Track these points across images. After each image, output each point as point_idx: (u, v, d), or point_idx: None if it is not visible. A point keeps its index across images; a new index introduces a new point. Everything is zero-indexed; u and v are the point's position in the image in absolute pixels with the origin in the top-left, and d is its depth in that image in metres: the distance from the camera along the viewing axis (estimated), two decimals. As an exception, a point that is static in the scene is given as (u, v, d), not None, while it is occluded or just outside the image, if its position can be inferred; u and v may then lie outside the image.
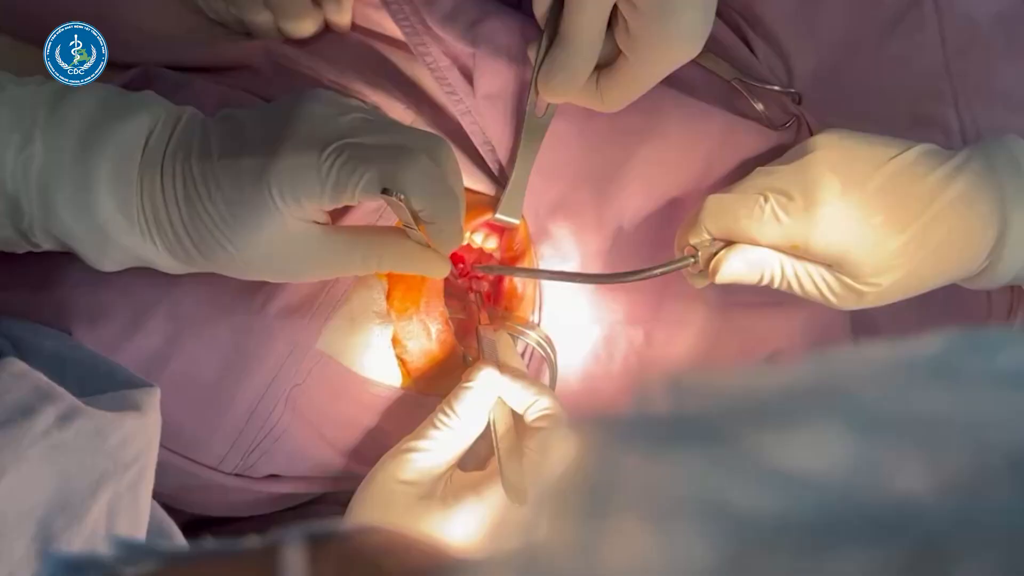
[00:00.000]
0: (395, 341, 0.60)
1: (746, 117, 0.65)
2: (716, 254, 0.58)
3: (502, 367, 0.58)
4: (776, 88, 0.66)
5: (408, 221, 0.50)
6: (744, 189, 0.58)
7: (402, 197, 0.47)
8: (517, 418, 0.58)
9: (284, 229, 0.49)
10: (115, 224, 0.49)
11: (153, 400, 0.46)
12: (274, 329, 0.56)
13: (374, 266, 0.53)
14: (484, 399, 0.57)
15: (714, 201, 0.57)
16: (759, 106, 0.65)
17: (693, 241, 0.58)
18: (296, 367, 0.57)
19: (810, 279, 0.57)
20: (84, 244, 0.49)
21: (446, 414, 0.56)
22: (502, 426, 0.57)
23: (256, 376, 0.57)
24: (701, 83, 0.66)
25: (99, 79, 0.61)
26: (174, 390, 0.55)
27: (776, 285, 0.58)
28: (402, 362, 0.61)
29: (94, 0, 0.61)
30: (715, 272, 0.57)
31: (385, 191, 0.47)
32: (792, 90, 0.66)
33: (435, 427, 0.56)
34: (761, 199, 0.56)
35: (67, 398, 0.41)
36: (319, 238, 0.51)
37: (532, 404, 0.57)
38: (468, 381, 0.57)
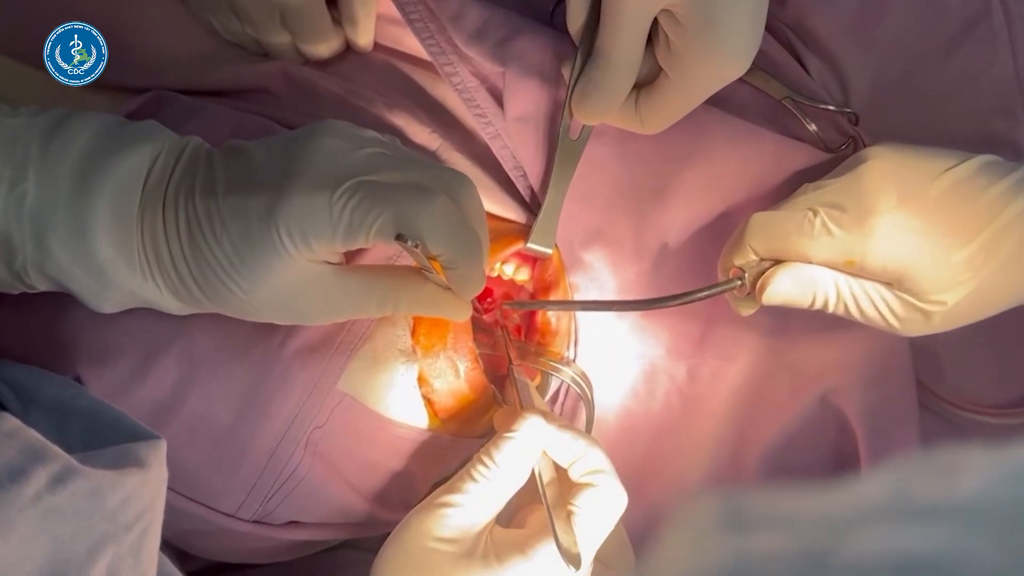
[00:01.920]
0: (421, 380, 0.57)
1: (799, 139, 0.62)
2: (764, 274, 0.54)
3: (547, 416, 0.53)
4: (831, 107, 0.62)
5: (426, 267, 0.47)
6: (792, 205, 0.54)
7: (418, 244, 0.44)
8: (560, 471, 0.53)
9: (295, 271, 0.46)
10: (114, 265, 0.46)
11: (158, 453, 0.43)
12: (293, 368, 0.53)
13: (390, 309, 0.49)
14: (529, 450, 0.51)
15: (759, 219, 0.54)
16: (812, 127, 0.62)
17: (739, 262, 0.55)
18: (317, 408, 0.54)
19: (868, 299, 0.53)
20: (82, 285, 0.46)
21: (485, 465, 0.51)
22: (546, 480, 0.52)
23: (275, 418, 0.53)
24: (750, 102, 0.62)
25: (112, 104, 0.59)
26: (189, 434, 0.52)
27: (831, 308, 0.54)
28: (429, 402, 0.57)
29: (107, 23, 0.59)
30: (763, 290, 0.53)
31: (400, 237, 0.44)
32: (848, 110, 0.62)
33: (473, 479, 0.51)
34: (810, 213, 0.52)
35: (61, 458, 0.38)
36: (332, 280, 0.47)
37: (580, 458, 0.52)
38: (511, 431, 0.52)
